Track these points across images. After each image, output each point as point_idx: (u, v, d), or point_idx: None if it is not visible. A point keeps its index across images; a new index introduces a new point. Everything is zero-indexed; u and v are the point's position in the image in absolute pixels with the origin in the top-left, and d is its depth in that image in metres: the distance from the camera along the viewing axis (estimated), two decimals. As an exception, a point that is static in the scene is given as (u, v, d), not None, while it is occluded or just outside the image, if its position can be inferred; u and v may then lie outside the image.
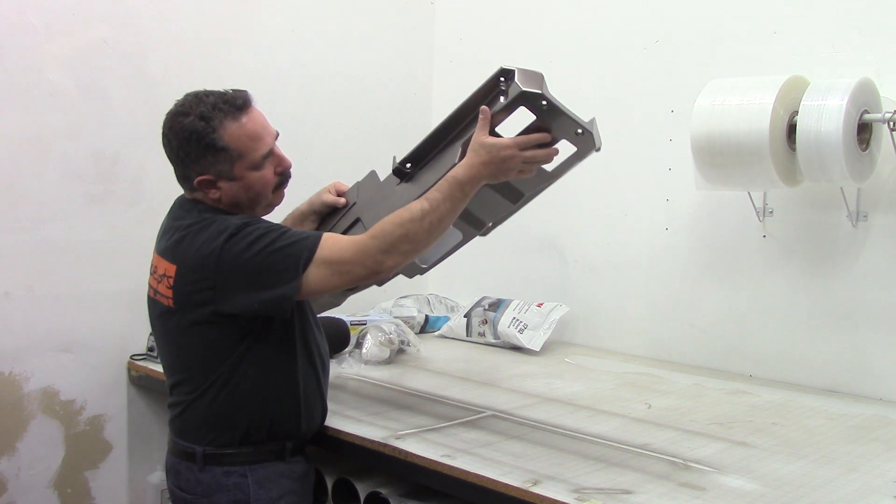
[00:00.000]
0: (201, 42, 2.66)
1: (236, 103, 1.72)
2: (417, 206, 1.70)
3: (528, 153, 1.74)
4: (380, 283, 1.91)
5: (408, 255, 1.70)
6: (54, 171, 2.40)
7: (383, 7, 3.18)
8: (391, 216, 1.71)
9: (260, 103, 1.92)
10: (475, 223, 1.89)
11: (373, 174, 2.01)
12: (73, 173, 2.43)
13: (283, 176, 1.82)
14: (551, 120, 1.72)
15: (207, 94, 1.73)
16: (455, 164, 1.75)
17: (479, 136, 1.72)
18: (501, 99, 1.71)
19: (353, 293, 2.05)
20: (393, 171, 1.90)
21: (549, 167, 1.82)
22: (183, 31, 2.62)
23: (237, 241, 1.67)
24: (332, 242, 1.69)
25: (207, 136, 1.69)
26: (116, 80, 2.49)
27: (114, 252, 2.50)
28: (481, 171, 1.71)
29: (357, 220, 1.95)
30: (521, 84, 1.68)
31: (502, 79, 1.71)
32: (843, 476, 1.66)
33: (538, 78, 1.71)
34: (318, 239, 1.68)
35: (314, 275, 1.66)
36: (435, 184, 1.76)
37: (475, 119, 1.75)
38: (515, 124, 1.76)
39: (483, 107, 1.73)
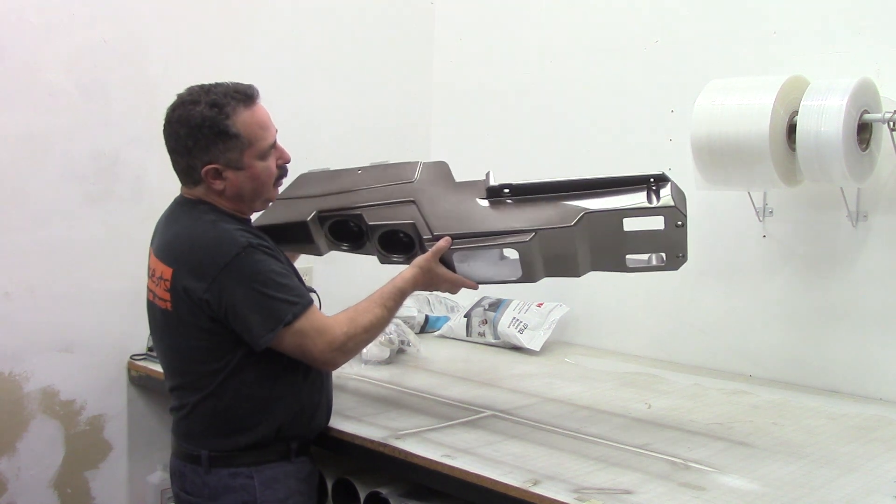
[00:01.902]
0: (201, 42, 2.66)
1: (247, 93, 1.75)
2: (378, 311, 1.80)
3: (455, 286, 1.90)
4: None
5: (356, 354, 1.87)
6: (54, 171, 2.40)
7: (383, 7, 3.18)
8: (357, 316, 1.78)
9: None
10: (537, 273, 1.88)
11: (444, 164, 1.99)
12: (73, 173, 2.43)
13: (283, 170, 1.84)
14: (672, 235, 1.77)
15: (215, 84, 1.75)
16: (560, 228, 1.76)
17: (431, 261, 1.85)
18: (644, 198, 1.76)
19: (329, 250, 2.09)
20: (488, 187, 1.89)
21: (631, 262, 1.86)
22: (183, 31, 2.62)
23: (247, 261, 1.69)
24: (315, 319, 1.74)
25: (221, 123, 1.70)
26: (116, 80, 2.49)
27: (114, 252, 2.49)
28: (419, 287, 1.87)
29: (412, 202, 1.91)
30: (673, 199, 1.74)
31: (653, 179, 1.77)
32: (843, 476, 1.66)
33: (684, 198, 1.79)
34: (306, 308, 1.73)
35: (283, 339, 1.71)
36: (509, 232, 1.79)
37: (605, 193, 1.79)
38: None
39: (446, 239, 1.82)
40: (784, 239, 2.43)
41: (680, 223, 1.76)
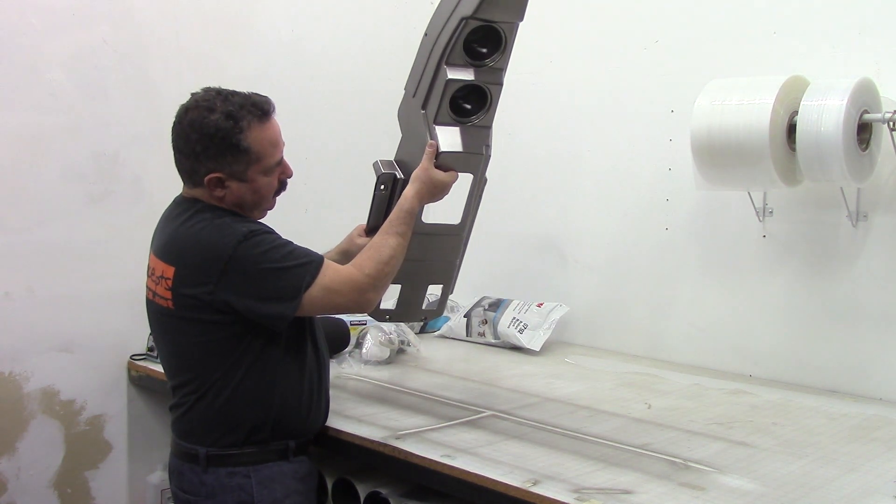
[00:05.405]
0: (201, 42, 2.66)
1: (263, 108, 1.74)
2: (392, 241, 1.79)
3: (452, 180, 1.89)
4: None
5: (386, 288, 1.84)
6: (54, 171, 2.40)
7: (383, 7, 3.18)
8: (374, 253, 1.78)
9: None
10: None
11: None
12: (73, 173, 2.43)
13: (283, 184, 1.85)
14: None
15: (233, 93, 1.74)
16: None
17: (428, 167, 1.85)
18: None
19: None
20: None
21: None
22: (183, 32, 2.62)
23: (248, 249, 1.68)
24: (333, 272, 1.74)
25: (234, 136, 1.70)
26: (116, 80, 2.49)
27: (114, 252, 2.49)
28: (424, 200, 1.86)
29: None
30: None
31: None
32: (843, 476, 1.66)
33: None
34: (321, 265, 1.73)
35: (310, 300, 1.71)
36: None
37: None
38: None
39: (431, 141, 1.85)
40: (784, 239, 2.43)
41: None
